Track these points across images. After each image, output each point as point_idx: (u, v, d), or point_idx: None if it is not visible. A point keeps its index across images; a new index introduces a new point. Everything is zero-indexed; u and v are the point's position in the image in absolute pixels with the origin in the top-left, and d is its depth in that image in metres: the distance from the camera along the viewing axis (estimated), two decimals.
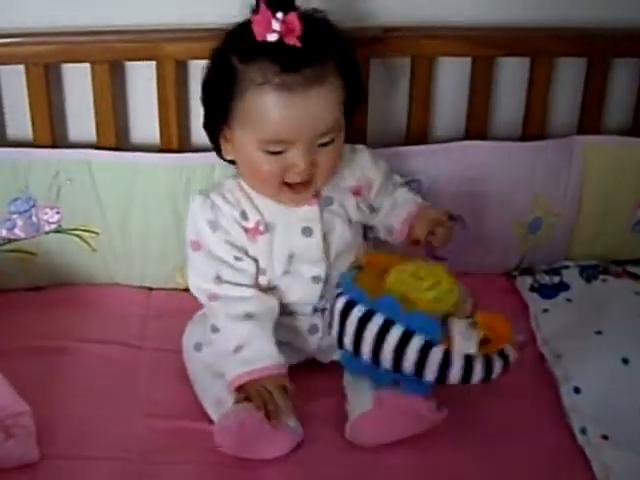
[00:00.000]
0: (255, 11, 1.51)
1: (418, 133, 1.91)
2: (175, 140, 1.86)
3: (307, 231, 1.62)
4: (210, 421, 1.54)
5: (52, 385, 1.63)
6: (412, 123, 1.91)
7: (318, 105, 1.51)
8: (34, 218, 1.83)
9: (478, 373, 1.45)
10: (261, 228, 1.61)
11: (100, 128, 1.84)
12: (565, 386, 1.63)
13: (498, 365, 1.46)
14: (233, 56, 1.53)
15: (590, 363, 1.65)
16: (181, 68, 1.83)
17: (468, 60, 1.88)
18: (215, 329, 1.59)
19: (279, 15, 1.48)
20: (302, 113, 1.50)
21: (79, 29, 1.79)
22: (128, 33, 1.80)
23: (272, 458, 1.50)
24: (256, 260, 1.62)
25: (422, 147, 1.89)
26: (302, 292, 1.64)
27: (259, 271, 1.63)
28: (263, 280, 1.64)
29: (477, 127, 1.92)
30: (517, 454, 1.53)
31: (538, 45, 1.87)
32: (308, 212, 1.62)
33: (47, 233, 1.85)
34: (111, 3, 1.80)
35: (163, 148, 1.86)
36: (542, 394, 1.64)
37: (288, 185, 1.57)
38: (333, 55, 1.53)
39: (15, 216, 1.83)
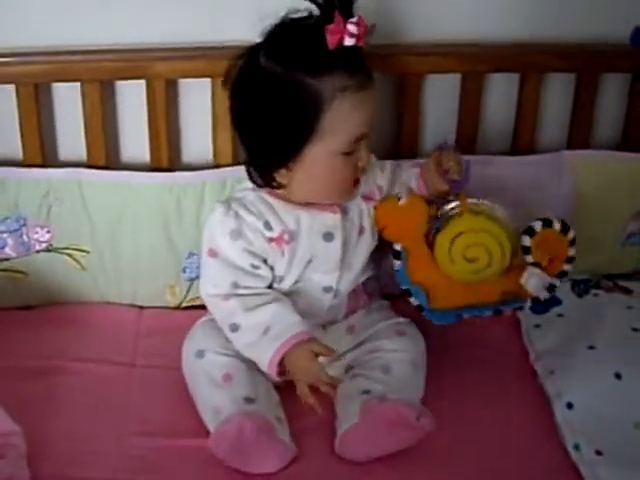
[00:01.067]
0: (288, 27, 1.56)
1: (408, 147, 1.92)
2: (165, 159, 1.86)
3: (328, 236, 1.64)
4: (205, 437, 1.53)
5: (43, 404, 1.62)
6: (402, 138, 1.92)
7: (373, 102, 1.59)
8: (24, 237, 1.83)
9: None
10: (286, 237, 1.63)
11: (90, 147, 1.85)
12: (558, 402, 1.63)
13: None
14: (298, 74, 1.53)
15: (583, 378, 1.65)
16: (171, 87, 1.84)
17: (458, 76, 1.89)
18: (235, 327, 1.60)
19: (354, 19, 1.52)
20: (372, 107, 1.58)
21: (69, 48, 1.80)
22: (118, 52, 1.80)
23: (265, 473, 1.49)
24: (272, 268, 1.64)
25: (412, 161, 1.86)
26: (312, 301, 1.65)
27: (274, 278, 1.65)
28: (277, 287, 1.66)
29: (466, 142, 1.93)
30: (510, 470, 1.53)
31: (527, 61, 1.89)
32: (330, 219, 1.64)
33: (38, 252, 1.85)
34: (101, 22, 1.81)
35: (153, 167, 1.87)
36: (535, 410, 1.64)
37: (354, 183, 1.63)
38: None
39: (5, 235, 1.83)
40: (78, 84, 1.80)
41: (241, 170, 1.77)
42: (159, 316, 1.88)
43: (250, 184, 1.67)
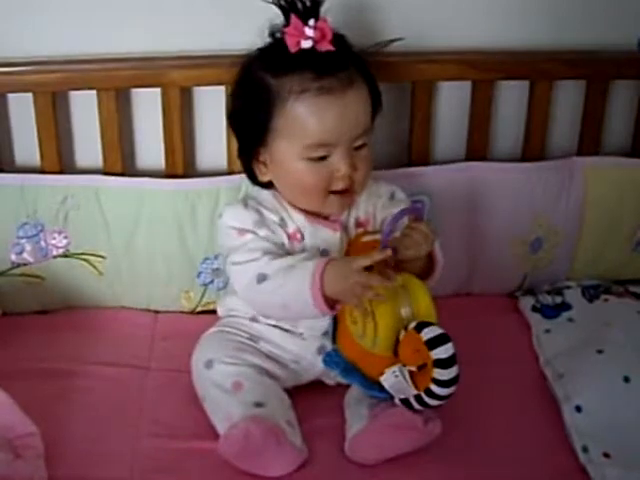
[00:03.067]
0: (274, 32, 1.61)
1: (420, 155, 1.94)
2: (180, 165, 1.88)
3: (325, 253, 1.64)
4: (218, 440, 1.54)
5: (60, 407, 1.64)
6: (414, 145, 1.93)
7: (354, 106, 1.56)
8: (42, 243, 1.85)
9: (417, 406, 1.50)
10: (298, 236, 1.64)
11: (107, 154, 1.87)
12: (567, 405, 1.63)
13: (430, 401, 1.47)
14: (265, 74, 1.59)
15: (592, 382, 1.66)
16: (186, 94, 1.86)
17: (468, 83, 1.90)
18: (262, 277, 1.56)
19: (311, 22, 1.55)
20: (342, 114, 1.55)
21: (85, 57, 1.82)
22: (133, 60, 1.82)
23: (276, 476, 1.51)
24: None
25: (424, 168, 1.92)
26: (313, 322, 1.64)
27: None
28: None
29: (478, 149, 1.95)
30: (519, 473, 1.53)
31: (537, 68, 1.90)
32: (329, 236, 1.64)
33: (55, 257, 1.87)
34: (116, 31, 1.83)
35: (168, 173, 1.89)
36: (544, 413, 1.65)
37: (334, 193, 1.60)
38: (357, 64, 1.60)
39: (24, 241, 1.85)
40: (94, 92, 1.82)
41: None
42: (174, 321, 1.90)
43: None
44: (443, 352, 1.44)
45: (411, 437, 1.52)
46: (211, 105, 1.88)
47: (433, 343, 1.44)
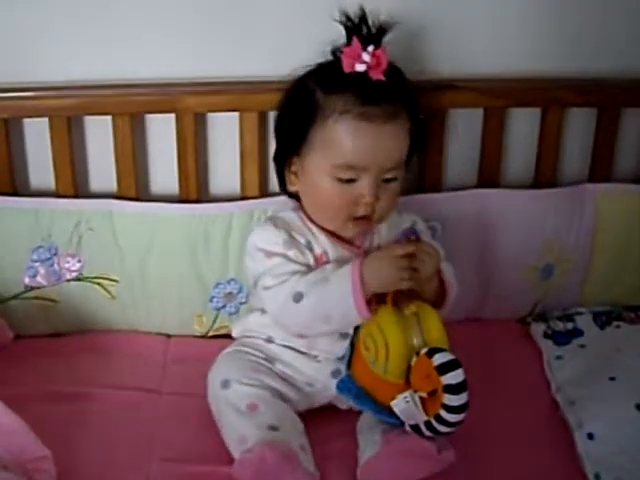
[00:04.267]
0: (335, 51, 1.63)
1: (432, 181, 1.95)
2: (194, 190, 1.89)
3: None
4: (231, 464, 1.53)
5: (72, 430, 1.64)
6: (426, 171, 1.94)
7: (391, 139, 1.59)
8: (56, 266, 1.86)
9: (426, 433, 1.49)
10: (324, 259, 1.65)
11: (121, 179, 1.88)
12: (579, 432, 1.63)
13: (440, 427, 1.47)
14: (316, 87, 1.61)
15: (604, 409, 1.66)
16: (200, 120, 1.87)
17: (480, 110, 1.91)
18: (299, 295, 1.58)
19: (370, 48, 1.58)
20: (376, 143, 1.57)
21: (101, 82, 1.83)
22: (148, 87, 1.84)
23: None
24: None
25: (436, 195, 1.93)
26: (329, 345, 1.66)
27: None
28: None
29: (489, 175, 1.95)
30: None
31: (549, 95, 1.91)
32: (351, 260, 1.63)
33: (68, 281, 1.87)
34: (131, 57, 1.85)
35: (182, 198, 1.90)
36: (556, 440, 1.65)
37: (353, 219, 1.62)
38: (406, 99, 1.62)
39: (37, 264, 1.86)
40: (109, 117, 1.83)
41: (268, 202, 1.82)
42: (186, 345, 1.90)
43: (290, 205, 1.71)
44: (453, 378, 1.44)
45: (424, 465, 1.52)
46: (225, 131, 1.89)
47: (444, 368, 1.45)
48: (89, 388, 1.75)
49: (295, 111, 1.64)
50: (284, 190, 1.72)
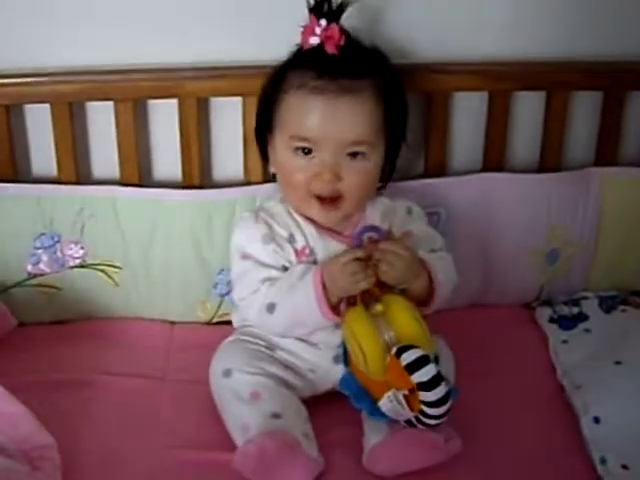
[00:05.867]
0: None
1: (436, 166, 1.93)
2: (197, 176, 1.89)
3: None
4: (234, 451, 1.53)
5: (76, 418, 1.64)
6: (430, 156, 1.93)
7: (347, 113, 1.59)
8: (59, 253, 1.86)
9: (419, 426, 1.48)
10: (307, 251, 1.65)
11: (124, 165, 1.87)
12: (585, 416, 1.62)
13: (427, 420, 1.46)
14: (284, 66, 1.67)
15: (609, 393, 1.65)
16: (203, 105, 1.86)
17: (485, 94, 1.90)
18: (271, 306, 1.61)
19: (322, 22, 1.61)
20: (329, 116, 1.59)
21: (102, 68, 1.83)
22: (150, 72, 1.83)
23: None
24: None
25: (440, 180, 1.91)
26: (327, 336, 1.65)
27: None
28: None
29: (494, 159, 1.94)
30: None
31: (554, 79, 1.90)
32: (339, 250, 1.63)
33: (71, 268, 1.87)
34: (133, 42, 1.84)
35: (185, 184, 1.89)
36: (561, 425, 1.64)
37: (317, 198, 1.62)
38: (376, 80, 1.63)
39: (40, 251, 1.86)
40: (111, 103, 1.83)
41: (271, 188, 1.81)
42: (190, 331, 1.90)
43: (277, 197, 1.72)
44: (424, 375, 1.42)
45: (431, 455, 1.52)
46: (228, 116, 1.88)
47: (413, 367, 1.43)
48: (93, 375, 1.74)
49: (266, 90, 1.69)
50: (272, 176, 1.74)
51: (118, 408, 1.67)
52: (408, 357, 1.44)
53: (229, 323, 1.84)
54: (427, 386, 1.42)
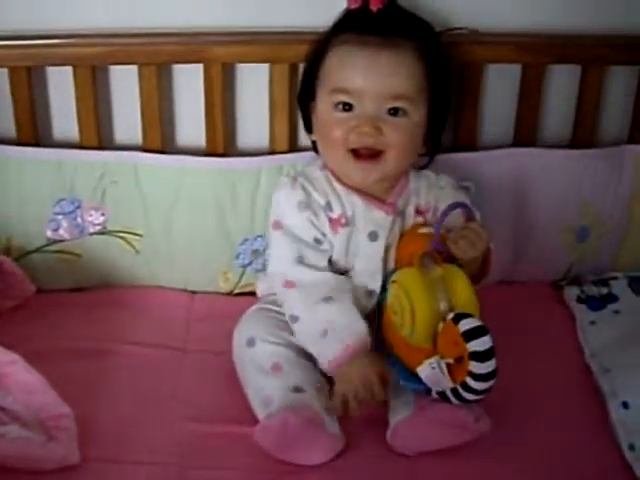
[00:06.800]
0: None
1: (467, 139, 1.90)
2: (221, 144, 1.86)
3: (373, 235, 1.63)
4: (254, 424, 1.52)
5: (94, 387, 1.62)
6: (460, 129, 1.89)
7: (388, 66, 1.59)
8: (79, 219, 1.84)
9: (453, 400, 1.46)
10: (343, 221, 1.64)
11: (146, 130, 1.85)
12: (613, 401, 1.59)
13: (467, 394, 1.44)
14: (329, 30, 1.67)
15: (639, 378, 1.62)
16: (228, 71, 1.83)
17: (518, 66, 1.86)
18: (295, 318, 1.61)
19: None
20: (370, 68, 1.59)
21: (127, 31, 1.80)
22: (176, 36, 1.80)
23: (315, 465, 1.48)
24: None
25: (470, 154, 1.88)
26: (355, 302, 1.62)
27: (332, 263, 1.65)
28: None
29: (526, 134, 1.91)
30: (563, 470, 1.50)
31: (589, 53, 1.85)
32: (381, 218, 1.64)
33: (91, 235, 1.85)
34: (159, 5, 1.80)
35: (209, 152, 1.86)
36: (589, 408, 1.62)
37: (354, 153, 1.60)
38: (418, 43, 1.63)
39: (60, 217, 1.84)
40: (135, 67, 1.80)
41: (297, 157, 1.79)
42: (211, 302, 1.88)
43: (319, 163, 1.70)
44: (480, 345, 1.41)
45: (459, 434, 1.49)
46: (254, 83, 1.85)
47: (470, 335, 1.41)
48: (112, 344, 1.73)
49: (311, 55, 1.69)
50: (313, 146, 1.72)
51: (137, 378, 1.66)
52: (467, 324, 1.42)
53: (251, 294, 1.83)
54: (481, 357, 1.40)
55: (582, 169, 1.88)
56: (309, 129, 1.72)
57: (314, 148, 1.72)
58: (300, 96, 1.73)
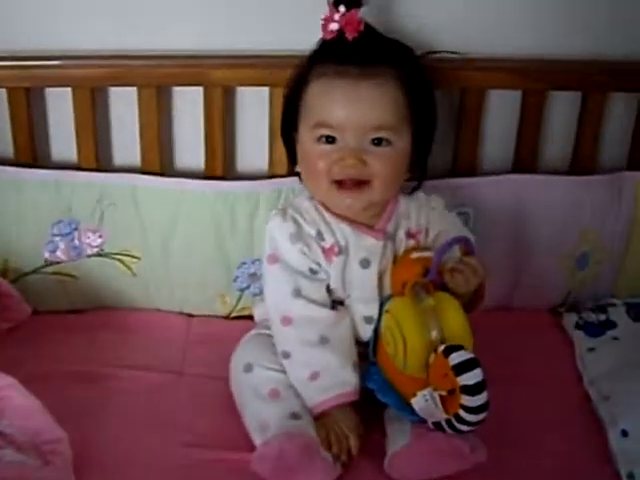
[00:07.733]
0: None
1: (466, 165, 1.90)
2: (220, 167, 1.85)
3: (365, 262, 1.62)
4: (252, 450, 1.51)
5: (90, 411, 1.61)
6: (460, 154, 1.89)
7: (368, 97, 1.57)
8: (76, 241, 1.83)
9: (448, 430, 1.46)
10: (336, 249, 1.63)
11: (145, 152, 1.84)
12: (612, 429, 1.59)
13: (460, 426, 1.44)
14: (306, 61, 1.65)
15: (638, 405, 1.61)
16: (228, 94, 1.83)
17: (518, 92, 1.86)
18: (286, 355, 1.60)
19: (341, 9, 1.60)
20: (350, 100, 1.57)
21: (126, 53, 1.79)
22: (176, 58, 1.79)
23: None
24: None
25: (470, 179, 1.88)
26: (354, 331, 1.63)
27: (330, 291, 1.64)
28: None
29: (526, 160, 1.90)
30: None
31: (590, 80, 1.85)
32: (371, 245, 1.63)
33: (89, 256, 1.84)
34: (160, 27, 1.80)
35: (208, 174, 1.86)
36: (588, 436, 1.61)
37: (338, 184, 1.59)
38: (398, 69, 1.61)
39: (57, 238, 1.83)
40: (135, 89, 1.79)
41: (296, 181, 1.78)
42: (208, 325, 1.87)
43: (307, 193, 1.68)
44: (471, 378, 1.40)
45: (455, 464, 1.49)
46: (254, 106, 1.85)
47: (460, 369, 1.40)
48: (107, 368, 1.72)
49: (290, 86, 1.68)
50: (299, 176, 1.71)
51: (134, 403, 1.65)
52: (458, 358, 1.41)
53: (248, 318, 1.82)
54: (472, 390, 1.40)
55: (581, 195, 1.88)
56: (293, 160, 1.71)
57: (300, 178, 1.71)
58: (283, 128, 1.71)
